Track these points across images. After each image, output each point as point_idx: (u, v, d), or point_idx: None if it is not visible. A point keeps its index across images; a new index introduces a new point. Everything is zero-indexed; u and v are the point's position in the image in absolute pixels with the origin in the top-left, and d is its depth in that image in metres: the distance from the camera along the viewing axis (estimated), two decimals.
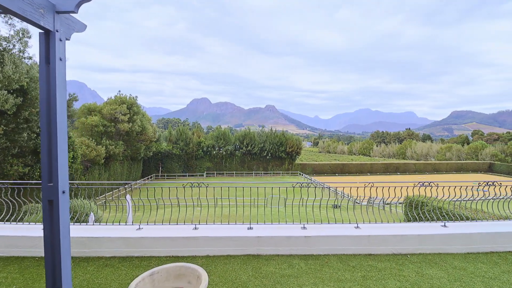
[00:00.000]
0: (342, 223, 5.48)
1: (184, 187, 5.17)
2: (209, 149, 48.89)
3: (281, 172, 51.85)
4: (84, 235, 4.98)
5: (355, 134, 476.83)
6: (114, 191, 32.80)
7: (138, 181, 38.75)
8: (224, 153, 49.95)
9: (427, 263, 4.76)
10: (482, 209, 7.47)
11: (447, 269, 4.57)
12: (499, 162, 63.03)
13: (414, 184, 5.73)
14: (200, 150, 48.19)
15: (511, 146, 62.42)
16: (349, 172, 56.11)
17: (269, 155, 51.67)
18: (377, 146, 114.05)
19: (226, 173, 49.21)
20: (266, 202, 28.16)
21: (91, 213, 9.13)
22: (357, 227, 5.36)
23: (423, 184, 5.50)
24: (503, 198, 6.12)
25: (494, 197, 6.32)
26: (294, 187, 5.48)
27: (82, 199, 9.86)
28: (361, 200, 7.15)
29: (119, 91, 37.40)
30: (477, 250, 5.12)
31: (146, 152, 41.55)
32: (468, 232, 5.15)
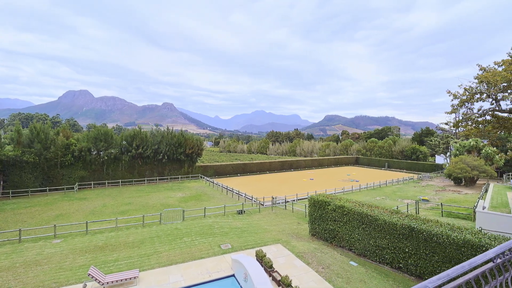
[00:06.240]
0: None
1: None
2: (82, 153, 38.05)
3: (179, 176, 46.45)
4: None
5: (253, 134, 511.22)
6: None
7: None
8: (106, 157, 40.18)
9: None
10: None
11: None
12: (362, 156, 78.77)
13: None
14: (70, 155, 36.84)
15: (370, 143, 79.04)
16: (251, 172, 56.59)
17: (166, 157, 45.33)
18: (272, 144, 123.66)
19: (108, 183, 39.63)
20: (161, 217, 22.34)
21: None
22: None
23: None
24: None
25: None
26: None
27: None
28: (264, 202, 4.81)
29: None
30: None
31: None
32: None
